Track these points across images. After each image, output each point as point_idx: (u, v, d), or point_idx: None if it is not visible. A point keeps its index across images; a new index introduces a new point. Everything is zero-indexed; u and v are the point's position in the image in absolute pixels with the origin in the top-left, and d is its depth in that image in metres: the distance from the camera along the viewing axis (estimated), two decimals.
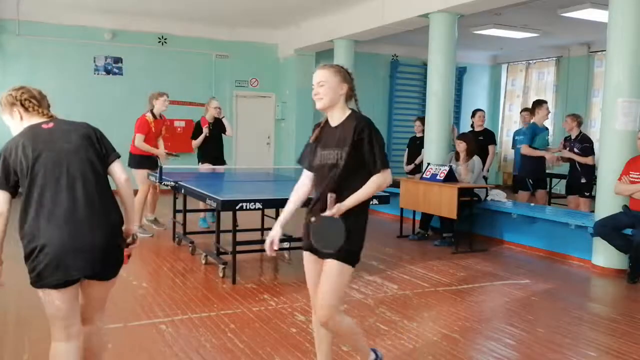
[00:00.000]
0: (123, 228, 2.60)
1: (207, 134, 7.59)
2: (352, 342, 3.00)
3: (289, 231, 6.81)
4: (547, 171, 7.98)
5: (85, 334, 2.58)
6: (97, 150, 2.56)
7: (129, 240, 2.66)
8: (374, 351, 3.03)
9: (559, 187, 9.00)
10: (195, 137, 7.67)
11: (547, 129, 7.81)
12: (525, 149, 7.41)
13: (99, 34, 10.98)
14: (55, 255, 2.36)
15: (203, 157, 7.79)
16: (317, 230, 2.63)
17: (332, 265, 2.68)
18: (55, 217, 2.38)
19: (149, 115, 7.02)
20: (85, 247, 2.40)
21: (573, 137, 7.36)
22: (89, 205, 2.43)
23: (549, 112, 7.66)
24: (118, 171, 2.62)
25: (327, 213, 2.60)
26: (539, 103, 7.66)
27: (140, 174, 7.01)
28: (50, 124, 2.53)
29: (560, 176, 8.65)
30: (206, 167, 7.72)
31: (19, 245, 2.39)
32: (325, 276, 2.70)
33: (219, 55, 12.09)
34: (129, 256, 2.62)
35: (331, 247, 2.60)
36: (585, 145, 7.21)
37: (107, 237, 2.46)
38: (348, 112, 2.77)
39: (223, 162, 8.02)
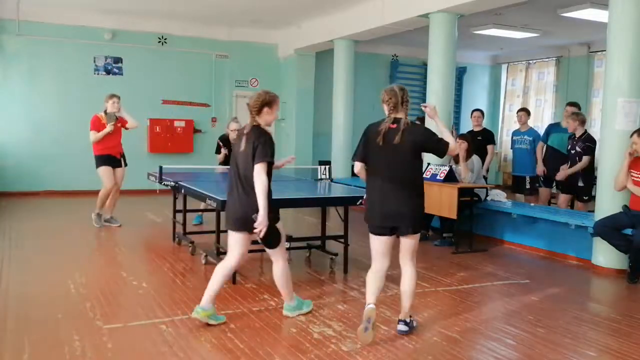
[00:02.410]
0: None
1: (227, 154, 7.74)
2: None
3: (289, 231, 6.83)
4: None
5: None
6: None
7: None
8: None
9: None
10: (217, 152, 7.93)
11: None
12: (538, 149, 7.90)
13: (99, 34, 10.97)
14: None
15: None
16: None
17: None
18: None
19: (101, 114, 7.49)
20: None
21: (577, 136, 7.24)
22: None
23: (571, 118, 7.29)
24: None
25: None
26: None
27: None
28: None
29: None
30: (220, 168, 7.89)
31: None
32: None
33: (219, 55, 12.09)
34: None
35: None
36: (587, 144, 7.08)
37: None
38: None
39: None
